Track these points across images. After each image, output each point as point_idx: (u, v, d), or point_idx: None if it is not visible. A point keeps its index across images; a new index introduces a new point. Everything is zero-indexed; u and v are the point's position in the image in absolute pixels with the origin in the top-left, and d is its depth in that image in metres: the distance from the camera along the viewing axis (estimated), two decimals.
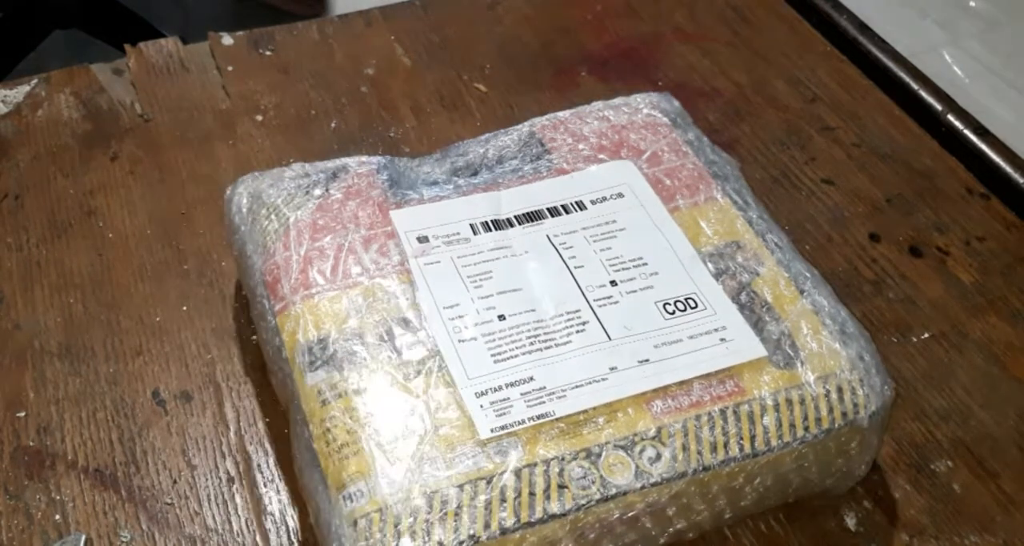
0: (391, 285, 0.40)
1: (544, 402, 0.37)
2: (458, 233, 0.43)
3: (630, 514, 0.36)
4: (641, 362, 0.38)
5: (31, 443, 0.43)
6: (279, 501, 0.41)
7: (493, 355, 0.38)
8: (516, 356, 0.38)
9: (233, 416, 0.44)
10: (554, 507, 0.35)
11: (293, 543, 0.40)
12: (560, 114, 0.49)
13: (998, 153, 0.57)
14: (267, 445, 0.43)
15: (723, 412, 0.37)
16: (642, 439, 0.36)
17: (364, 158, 0.46)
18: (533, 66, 0.63)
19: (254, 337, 0.47)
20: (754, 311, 0.41)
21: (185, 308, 0.48)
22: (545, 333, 0.39)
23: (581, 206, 0.44)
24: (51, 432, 0.43)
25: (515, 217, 0.44)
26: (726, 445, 0.37)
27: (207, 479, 0.42)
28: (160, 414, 0.44)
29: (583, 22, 0.66)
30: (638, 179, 0.45)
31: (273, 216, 0.43)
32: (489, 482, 0.35)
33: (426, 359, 0.38)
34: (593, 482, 0.35)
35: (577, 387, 0.37)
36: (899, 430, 0.45)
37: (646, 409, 0.37)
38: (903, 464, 0.43)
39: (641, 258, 0.42)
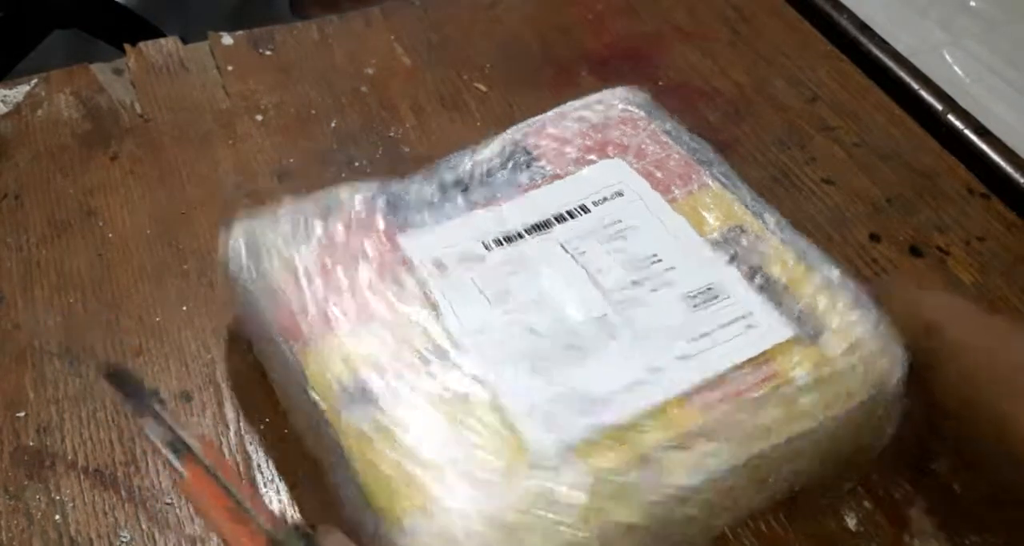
0: (415, 313, 0.39)
1: (592, 412, 0.36)
2: (471, 252, 0.42)
3: (690, 512, 0.36)
4: (678, 359, 0.38)
5: (31, 443, 0.43)
6: (279, 501, 0.41)
7: (533, 371, 0.38)
8: (556, 369, 0.38)
9: (233, 416, 0.44)
10: (621, 516, 0.34)
11: None
12: (537, 119, 0.48)
13: (998, 153, 0.57)
14: (267, 445, 0.43)
15: (764, 398, 0.37)
16: (692, 436, 0.36)
17: (352, 185, 0.45)
18: (533, 66, 0.63)
19: None
20: (772, 293, 0.41)
21: (185, 308, 0.48)
22: (579, 342, 0.39)
23: (585, 209, 0.44)
24: (51, 432, 0.43)
25: (524, 229, 0.43)
26: (771, 430, 0.37)
27: None
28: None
29: (583, 22, 0.66)
30: (632, 175, 0.45)
31: (277, 258, 0.42)
32: (549, 500, 0.34)
33: (465, 383, 0.37)
34: (653, 486, 0.35)
35: (622, 392, 0.37)
36: (899, 430, 0.45)
37: (691, 406, 0.37)
38: (903, 464, 0.43)
39: (655, 254, 0.42)
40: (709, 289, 0.41)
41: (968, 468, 0.42)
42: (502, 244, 0.42)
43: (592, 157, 0.46)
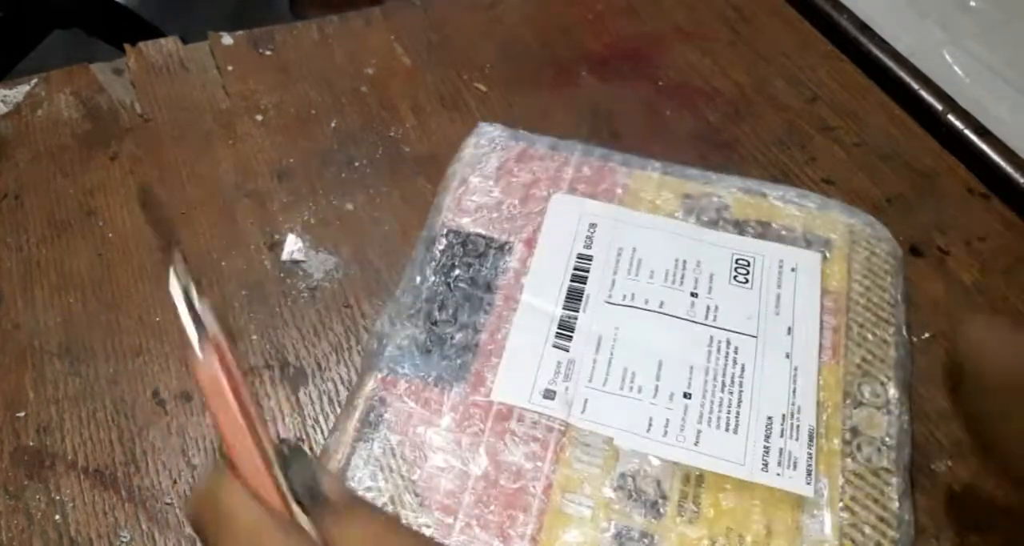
0: (577, 458, 0.36)
1: (798, 424, 0.37)
2: (557, 362, 0.39)
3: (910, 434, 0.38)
4: (788, 334, 0.39)
5: (31, 443, 0.43)
6: None
7: (724, 429, 0.37)
8: (738, 412, 0.37)
9: None
10: (893, 490, 0.35)
11: None
12: (442, 201, 0.45)
13: (998, 153, 0.57)
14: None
15: (853, 318, 0.39)
16: (855, 386, 0.37)
17: (373, 377, 0.39)
18: (533, 66, 0.62)
19: (254, 336, 0.47)
20: (768, 234, 0.42)
21: None
22: (725, 378, 0.38)
23: (587, 258, 0.43)
24: (51, 432, 0.43)
25: (564, 309, 0.41)
26: (886, 341, 0.39)
27: None
28: (160, 414, 0.44)
29: (583, 22, 0.66)
30: (580, 202, 0.44)
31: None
32: (852, 525, 0.35)
33: (687, 485, 0.36)
34: (882, 446, 0.36)
35: (791, 391, 0.37)
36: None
37: (826, 363, 0.38)
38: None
39: (676, 258, 0.42)
40: (737, 261, 0.41)
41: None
42: (568, 337, 0.40)
43: (533, 207, 0.44)
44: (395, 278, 0.46)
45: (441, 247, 0.43)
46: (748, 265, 0.41)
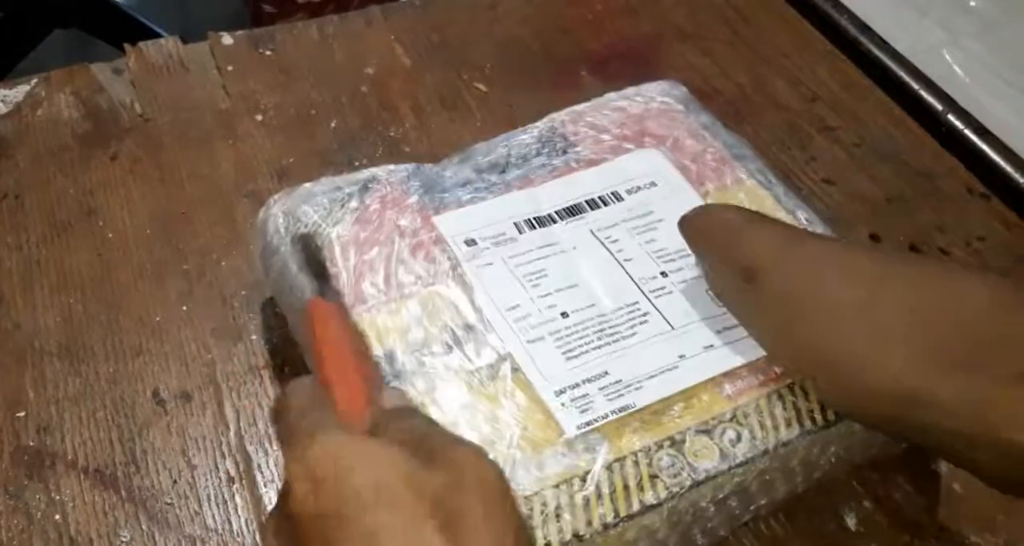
0: (447, 291, 0.40)
1: (623, 394, 0.37)
2: (504, 233, 0.42)
3: (720, 496, 0.36)
4: (706, 348, 0.39)
5: (31, 443, 0.43)
6: None
7: (564, 353, 0.38)
8: (587, 352, 0.38)
9: (233, 416, 0.44)
10: (649, 497, 0.35)
11: None
12: (577, 107, 0.49)
13: (998, 153, 0.57)
14: (267, 445, 0.43)
15: (791, 387, 0.38)
16: (720, 422, 0.37)
17: (392, 167, 0.45)
18: (533, 66, 0.63)
19: (254, 336, 0.47)
20: None
21: (185, 308, 0.48)
22: (610, 327, 0.39)
23: (618, 197, 0.44)
24: (51, 432, 0.43)
25: (556, 213, 0.44)
26: (799, 419, 0.37)
27: (207, 479, 0.42)
28: (160, 414, 0.44)
29: (583, 22, 0.66)
30: (667, 166, 0.46)
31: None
32: (583, 480, 0.35)
33: (498, 363, 0.38)
34: (682, 469, 0.36)
35: (651, 377, 0.38)
36: None
37: (719, 392, 0.38)
38: (903, 464, 0.43)
39: (685, 249, 0.42)
40: None
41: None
42: (535, 227, 0.43)
43: (629, 146, 0.47)
44: None
45: (534, 132, 0.47)
46: None
